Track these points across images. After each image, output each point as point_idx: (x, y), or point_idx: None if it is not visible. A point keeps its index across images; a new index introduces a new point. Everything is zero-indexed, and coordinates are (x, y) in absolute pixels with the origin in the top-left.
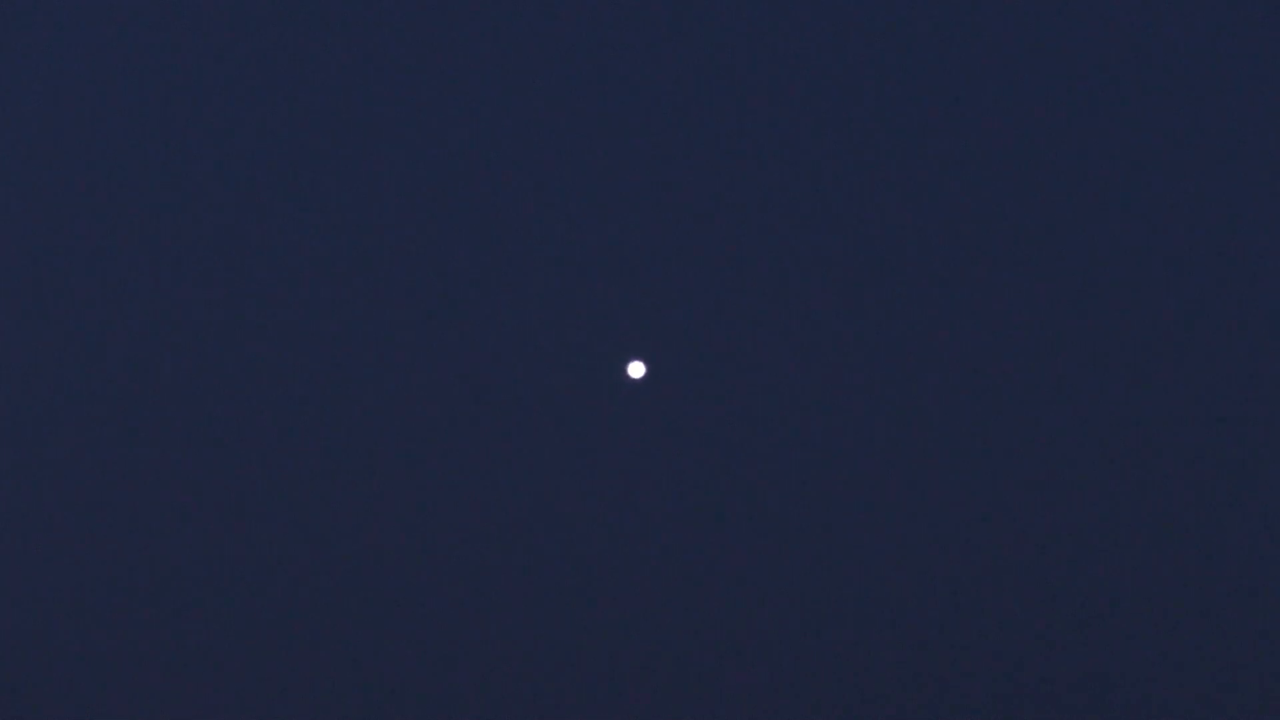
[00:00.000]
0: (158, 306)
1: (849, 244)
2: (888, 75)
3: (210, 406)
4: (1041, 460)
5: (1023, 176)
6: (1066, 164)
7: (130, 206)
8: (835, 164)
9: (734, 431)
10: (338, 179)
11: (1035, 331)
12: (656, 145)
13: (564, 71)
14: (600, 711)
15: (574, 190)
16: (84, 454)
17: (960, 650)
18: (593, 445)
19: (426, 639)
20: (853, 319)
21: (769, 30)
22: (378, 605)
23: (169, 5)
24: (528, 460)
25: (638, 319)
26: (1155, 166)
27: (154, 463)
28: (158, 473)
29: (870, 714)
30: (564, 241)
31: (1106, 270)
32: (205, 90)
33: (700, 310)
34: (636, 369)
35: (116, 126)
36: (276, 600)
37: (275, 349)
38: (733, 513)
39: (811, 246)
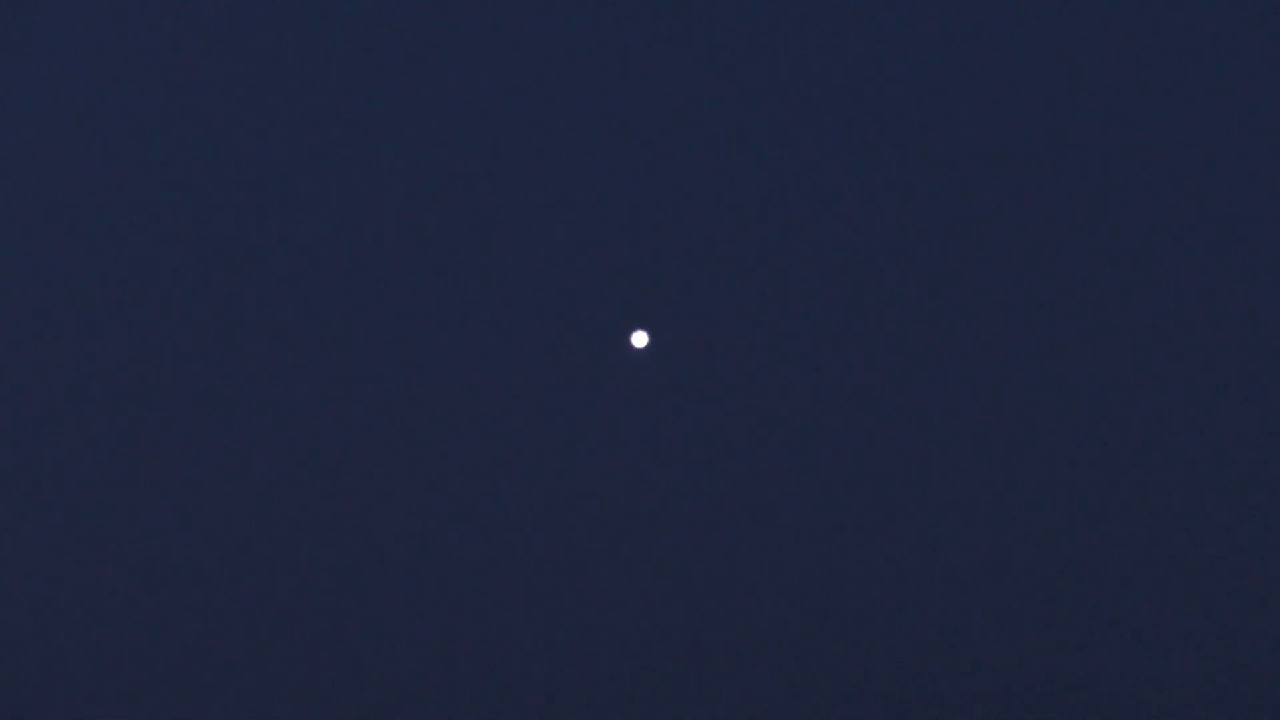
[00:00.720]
0: (157, 307)
1: (848, 235)
2: (886, 65)
3: (201, 386)
4: (1035, 451)
5: (1020, 175)
6: (1067, 164)
7: (131, 208)
8: (834, 154)
9: (734, 417)
10: (339, 163)
11: (1031, 324)
12: (656, 127)
13: (566, 62)
14: (595, 704)
15: (576, 180)
16: (84, 454)
17: (955, 641)
18: (594, 428)
19: (425, 631)
20: (851, 308)
21: (765, 22)
22: (377, 596)
23: (171, 6)
24: (529, 446)
25: (639, 309)
26: (1155, 167)
27: (154, 462)
28: (158, 473)
29: (869, 710)
30: (566, 231)
31: (1107, 271)
32: (203, 92)
33: (701, 298)
34: (639, 339)
35: (118, 129)
36: (270, 585)
37: (277, 333)
38: (731, 497)
39: (811, 239)
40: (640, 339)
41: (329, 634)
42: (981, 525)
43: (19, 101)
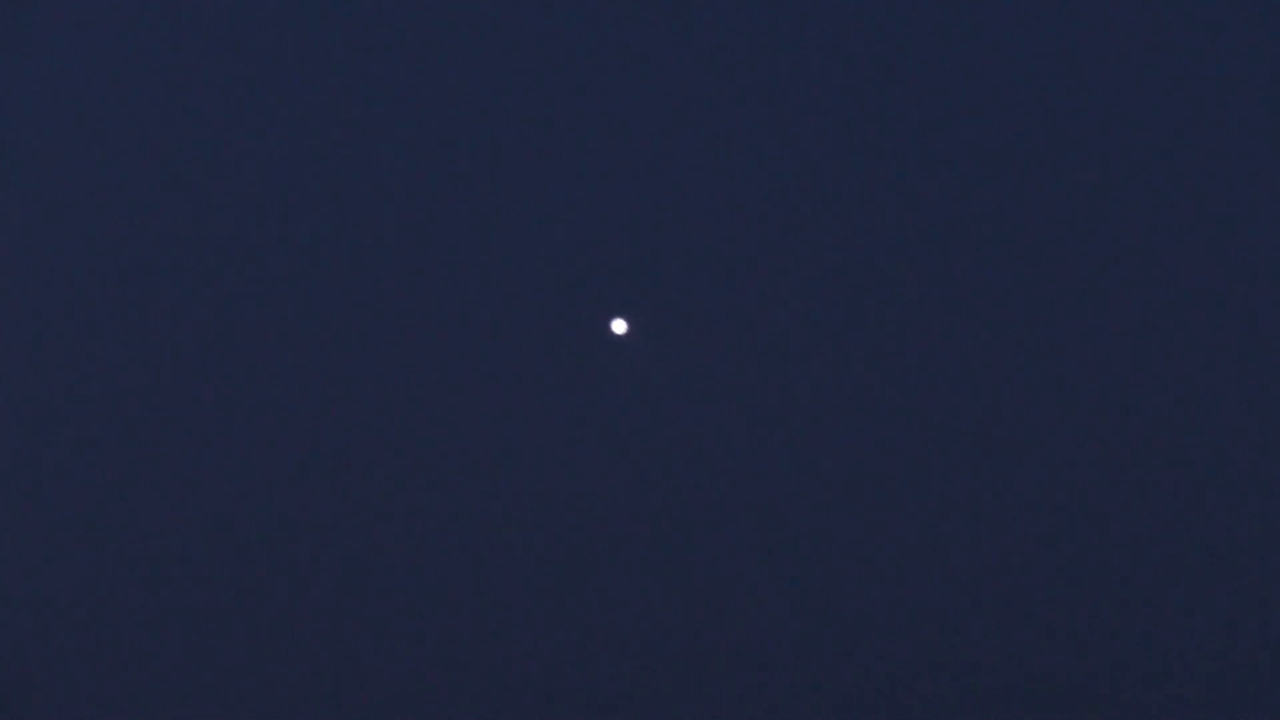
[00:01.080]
0: (153, 306)
1: (832, 226)
2: (864, 54)
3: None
4: (1027, 443)
5: (1008, 170)
6: (1065, 166)
7: (130, 208)
8: (816, 144)
9: (715, 404)
10: (331, 160)
11: (1023, 315)
12: (635, 119)
13: (553, 56)
14: (580, 701)
15: (559, 171)
16: (85, 455)
17: (950, 639)
18: (576, 414)
19: (405, 621)
20: (835, 300)
21: (741, 10)
22: (359, 587)
23: (170, 6)
24: (513, 433)
25: (621, 297)
26: (1154, 168)
27: (149, 462)
28: (154, 472)
29: (861, 707)
30: (548, 221)
31: (1103, 271)
32: (202, 92)
33: (680, 287)
34: (619, 325)
35: (118, 129)
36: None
37: (265, 325)
38: (714, 486)
39: (794, 229)
40: (620, 326)
41: (303, 618)
42: (971, 517)
43: (19, 102)
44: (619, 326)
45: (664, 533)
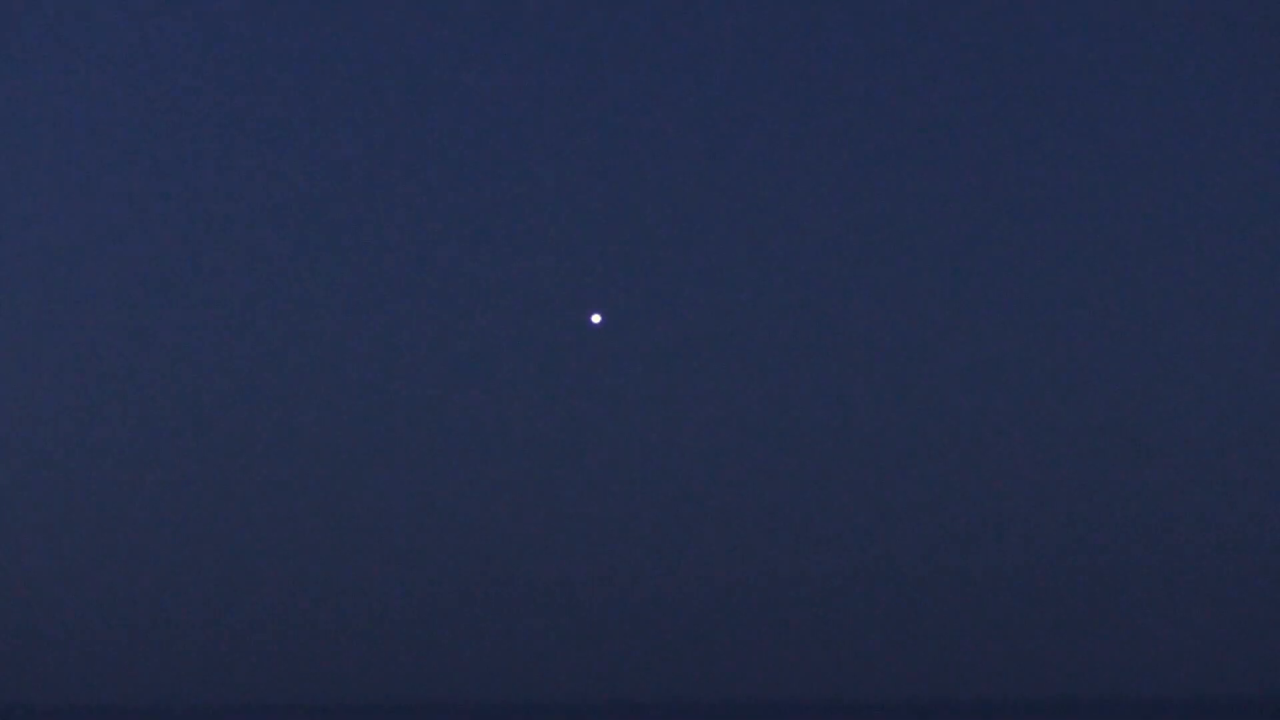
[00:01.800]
0: (146, 306)
1: (804, 229)
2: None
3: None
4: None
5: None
6: (1055, 169)
7: (127, 209)
8: (792, 149)
9: (692, 394)
10: (325, 163)
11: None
12: (617, 126)
13: (543, 66)
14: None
15: (545, 177)
16: (88, 453)
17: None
18: (561, 404)
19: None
20: (805, 300)
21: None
22: (364, 589)
23: (169, 9)
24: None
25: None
26: (1153, 170)
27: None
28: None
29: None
30: (533, 223)
31: (1096, 273)
32: (198, 94)
33: (653, 286)
34: (596, 318)
35: (116, 130)
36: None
37: (268, 340)
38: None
39: (768, 229)
40: (596, 318)
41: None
42: (951, 510)
43: (18, 102)
44: (596, 318)
45: (641, 509)
